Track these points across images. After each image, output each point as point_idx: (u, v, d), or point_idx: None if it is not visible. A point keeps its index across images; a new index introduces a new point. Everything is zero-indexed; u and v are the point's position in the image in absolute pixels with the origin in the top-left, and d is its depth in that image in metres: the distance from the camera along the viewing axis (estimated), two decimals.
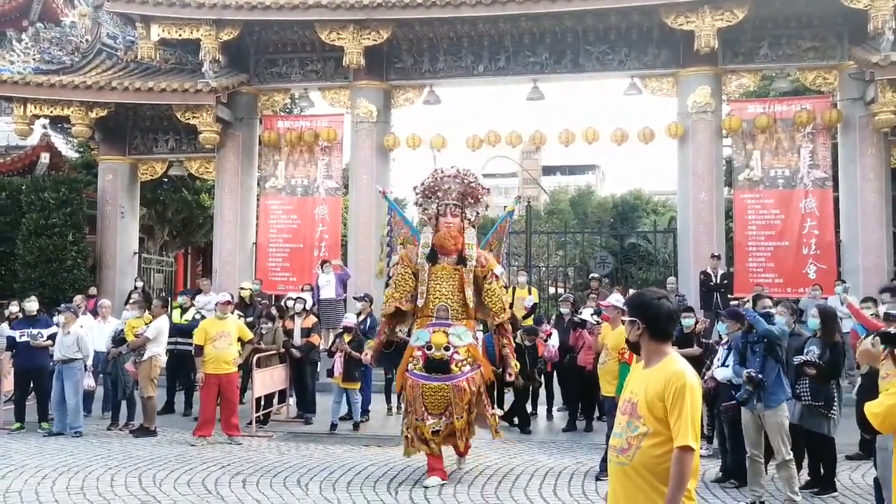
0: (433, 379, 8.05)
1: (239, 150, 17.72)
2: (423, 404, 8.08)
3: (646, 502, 3.61)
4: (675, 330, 3.93)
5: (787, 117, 15.84)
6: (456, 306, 8.42)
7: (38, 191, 17.56)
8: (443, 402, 8.05)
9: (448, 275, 8.49)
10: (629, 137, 16.63)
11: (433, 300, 8.46)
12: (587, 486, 8.29)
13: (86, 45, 18.20)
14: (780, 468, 7.40)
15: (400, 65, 17.24)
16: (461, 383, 8.07)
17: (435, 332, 8.17)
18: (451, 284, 8.46)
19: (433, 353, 8.06)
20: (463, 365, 8.13)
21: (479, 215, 8.76)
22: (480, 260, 8.59)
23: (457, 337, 8.13)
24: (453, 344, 8.08)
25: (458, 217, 8.58)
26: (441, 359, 8.04)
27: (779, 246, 15.91)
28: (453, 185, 8.65)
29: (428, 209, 8.68)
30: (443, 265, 8.53)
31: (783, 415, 7.41)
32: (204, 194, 23.02)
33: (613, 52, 16.62)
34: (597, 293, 14.38)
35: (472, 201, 8.70)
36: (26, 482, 8.20)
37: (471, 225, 8.70)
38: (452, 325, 8.25)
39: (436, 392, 8.05)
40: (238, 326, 11.26)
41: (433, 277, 8.50)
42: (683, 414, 3.52)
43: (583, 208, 49.03)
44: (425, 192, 8.73)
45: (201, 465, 9.14)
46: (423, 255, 8.57)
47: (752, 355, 7.65)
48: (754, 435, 7.56)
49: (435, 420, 8.07)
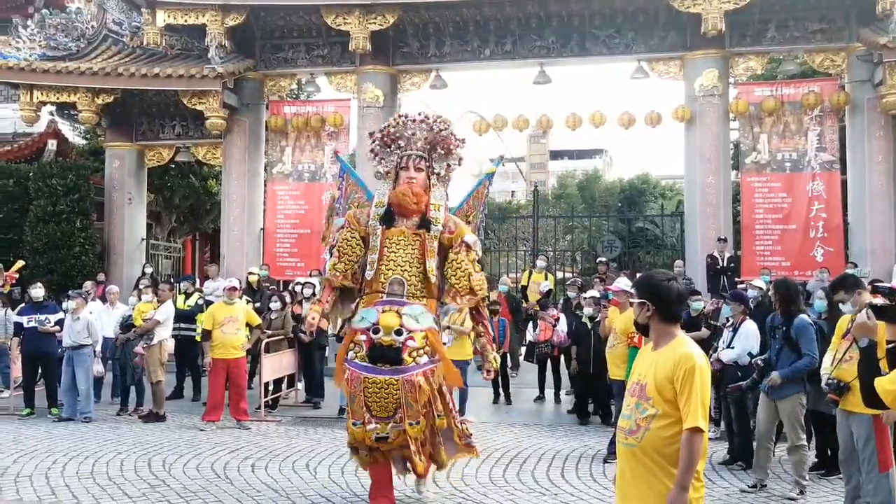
0: (379, 371, 6.27)
1: (246, 136, 17.70)
2: (364, 404, 6.32)
3: (654, 484, 3.63)
4: (684, 312, 3.95)
5: (795, 100, 15.76)
6: (414, 280, 6.60)
7: (45, 177, 17.59)
8: (391, 401, 6.27)
9: (406, 241, 6.70)
10: (636, 121, 16.56)
11: (385, 272, 6.62)
12: (595, 469, 8.33)
13: (91, 32, 18.17)
14: (792, 452, 7.41)
15: (406, 49, 17.19)
16: (414, 377, 6.28)
17: (385, 311, 6.38)
18: (410, 253, 6.66)
19: (380, 337, 6.28)
20: (419, 355, 6.35)
21: (450, 169, 7.07)
22: (448, 225, 6.81)
23: (412, 319, 6.39)
24: (407, 327, 6.33)
25: (423, 172, 6.88)
26: (390, 345, 6.27)
27: (786, 229, 15.86)
28: (419, 131, 6.94)
29: (386, 161, 7.02)
30: (400, 229, 6.74)
31: (797, 402, 7.40)
32: (211, 180, 23.04)
33: (620, 36, 16.53)
34: (604, 277, 14.40)
35: (443, 152, 7.00)
36: (37, 467, 8.28)
37: (440, 182, 7.04)
38: (408, 303, 6.47)
39: (382, 388, 6.27)
40: (246, 311, 11.31)
41: (387, 244, 6.70)
42: (693, 395, 3.53)
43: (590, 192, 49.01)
44: (384, 139, 7.03)
45: (210, 449, 9.21)
46: (376, 216, 6.80)
47: (773, 341, 7.64)
48: (766, 420, 7.55)
49: (379, 424, 6.33)
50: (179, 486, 7.61)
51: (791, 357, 7.37)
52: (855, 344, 6.36)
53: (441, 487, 7.50)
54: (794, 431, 7.35)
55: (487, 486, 7.62)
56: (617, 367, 8.86)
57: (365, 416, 6.34)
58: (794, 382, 7.37)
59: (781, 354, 7.43)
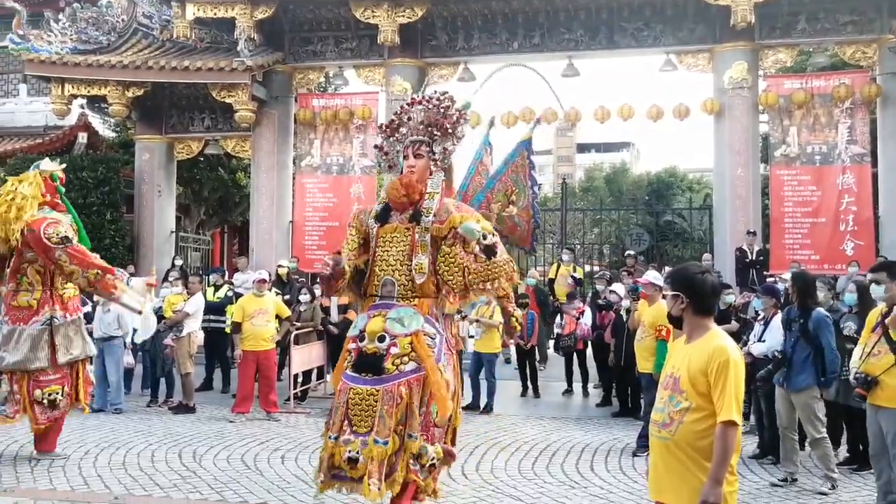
0: (362, 381, 5.66)
1: (274, 129, 17.80)
2: (344, 415, 5.64)
3: (688, 477, 3.63)
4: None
5: (825, 92, 15.61)
6: (403, 280, 5.90)
7: (76, 170, 17.77)
8: (370, 414, 5.58)
9: (399, 237, 6.01)
10: (665, 114, 16.48)
11: (378, 273, 5.99)
12: (624, 462, 8.32)
13: (122, 25, 18.34)
14: (813, 446, 7.39)
15: (434, 42, 17.19)
16: (395, 388, 5.58)
17: (373, 317, 5.84)
18: (401, 251, 5.96)
19: (365, 345, 5.74)
20: (402, 362, 5.66)
21: (448, 153, 6.30)
22: (440, 214, 5.96)
23: (397, 323, 5.76)
24: (391, 332, 5.71)
25: (423, 158, 6.15)
26: (374, 353, 5.69)
27: (815, 222, 15.72)
28: (417, 113, 6.22)
29: (390, 153, 6.41)
30: (394, 224, 6.05)
31: (811, 395, 7.36)
32: (240, 173, 23.18)
33: (648, 29, 16.45)
34: (632, 270, 14.35)
35: (440, 133, 6.21)
36: (69, 457, 8.36)
37: (437, 166, 6.24)
38: (396, 305, 5.85)
39: (363, 399, 5.61)
40: (275, 304, 11.38)
41: (380, 243, 6.05)
42: (727, 389, 3.53)
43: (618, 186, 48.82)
44: (386, 130, 6.44)
45: (240, 440, 9.28)
46: (375, 213, 6.16)
47: (789, 333, 7.62)
48: (786, 412, 7.54)
49: (356, 439, 5.53)
50: (210, 477, 7.68)
51: (806, 350, 7.35)
52: (884, 338, 6.34)
53: (470, 480, 7.53)
54: (812, 424, 7.32)
55: (517, 479, 7.63)
56: (645, 360, 8.84)
57: (345, 430, 5.59)
58: (808, 375, 7.33)
59: (797, 347, 7.40)
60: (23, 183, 8.10)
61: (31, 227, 7.82)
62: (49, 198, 8.20)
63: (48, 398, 7.99)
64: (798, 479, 7.47)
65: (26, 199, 7.97)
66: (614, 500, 6.98)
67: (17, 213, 7.88)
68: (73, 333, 8.20)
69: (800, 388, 7.35)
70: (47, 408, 8.01)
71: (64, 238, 7.81)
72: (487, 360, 11.70)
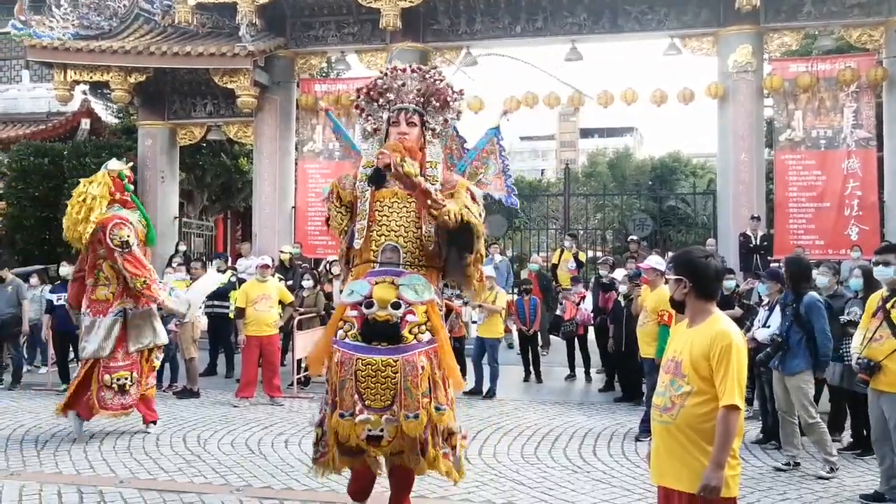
0: (375, 351, 5.24)
1: (276, 114, 17.76)
2: (355, 390, 5.24)
3: (689, 461, 3.64)
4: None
5: (831, 76, 15.51)
6: (410, 247, 5.58)
7: (79, 156, 17.81)
8: (388, 387, 5.19)
9: (401, 203, 5.69)
10: (668, 98, 16.39)
11: (377, 238, 5.63)
12: (627, 447, 8.33)
13: (124, 11, 18.26)
14: (808, 431, 7.39)
15: (437, 26, 17.11)
16: (416, 357, 5.24)
17: (378, 283, 5.42)
18: (405, 217, 5.65)
19: (374, 312, 5.30)
20: (420, 332, 5.34)
21: (447, 124, 6.08)
22: (450, 181, 5.83)
23: (411, 290, 5.40)
24: (406, 299, 5.35)
25: (416, 127, 5.88)
26: (387, 320, 5.28)
27: (820, 207, 15.67)
28: (410, 82, 6.00)
29: (374, 117, 6.09)
30: (392, 189, 5.70)
31: (803, 379, 7.37)
32: (242, 159, 23.15)
33: (652, 12, 16.34)
34: (636, 255, 14.35)
35: (438, 105, 6.01)
36: (74, 442, 8.43)
37: (435, 137, 6.00)
38: (405, 272, 5.50)
39: (378, 371, 5.21)
40: (279, 289, 11.40)
41: (378, 207, 5.71)
42: (729, 373, 3.53)
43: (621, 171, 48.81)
44: (370, 93, 6.07)
45: (244, 425, 9.32)
46: (364, 177, 5.81)
47: (783, 317, 7.63)
48: (783, 395, 7.56)
49: (373, 416, 5.19)
50: (214, 461, 7.72)
51: (799, 334, 7.37)
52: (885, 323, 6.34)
53: (473, 464, 7.54)
54: (804, 409, 7.33)
55: (519, 464, 7.65)
56: (647, 345, 8.85)
57: (356, 406, 5.20)
58: (800, 359, 7.34)
59: (790, 331, 7.41)
60: (92, 184, 8.72)
61: (101, 224, 8.47)
62: (118, 195, 8.86)
63: (117, 383, 8.53)
64: (801, 464, 7.47)
65: (95, 200, 8.57)
66: (616, 484, 7.00)
67: (86, 214, 8.49)
68: (144, 323, 8.79)
69: (793, 372, 7.37)
70: (117, 393, 8.54)
71: (123, 243, 8.46)
72: (490, 345, 11.71)
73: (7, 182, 19.35)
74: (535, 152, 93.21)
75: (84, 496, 6.53)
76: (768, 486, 6.93)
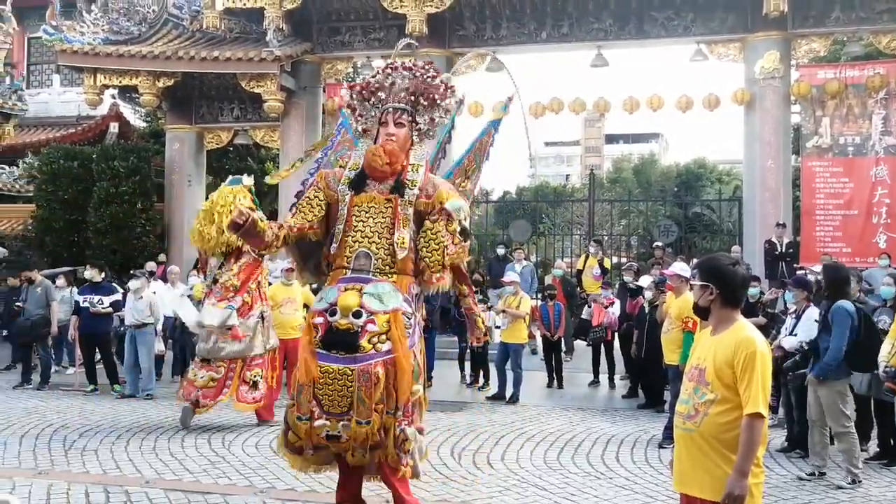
0: (332, 359, 5.31)
1: (303, 119, 17.87)
2: (312, 396, 5.33)
3: (712, 469, 3.62)
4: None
5: (859, 82, 15.40)
6: (382, 254, 5.56)
7: (108, 160, 17.99)
8: (344, 395, 5.27)
9: (377, 208, 5.65)
10: (694, 104, 16.36)
11: (352, 244, 5.59)
12: (650, 454, 8.29)
13: (153, 16, 18.51)
14: (838, 439, 7.33)
15: (462, 32, 17.16)
16: (371, 368, 5.26)
17: (346, 290, 5.43)
18: (380, 222, 5.62)
19: (337, 320, 5.34)
20: (380, 341, 5.34)
21: (434, 123, 5.96)
22: (426, 188, 5.69)
23: (376, 299, 5.41)
24: (369, 308, 5.36)
25: (404, 127, 5.79)
26: (347, 329, 5.32)
27: (847, 215, 15.55)
28: (401, 80, 5.86)
29: (364, 116, 5.99)
30: (371, 194, 5.67)
31: (837, 388, 7.29)
32: (269, 163, 23.27)
33: (679, 18, 16.29)
34: (661, 262, 14.30)
35: (426, 104, 5.88)
36: (101, 441, 8.52)
37: (423, 138, 5.94)
38: (373, 280, 5.49)
39: (335, 380, 5.28)
40: (303, 293, 11.44)
41: (355, 212, 5.64)
42: (754, 381, 3.51)
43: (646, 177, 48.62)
44: (362, 92, 5.95)
45: (268, 427, 9.35)
46: (347, 180, 5.73)
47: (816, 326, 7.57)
48: (815, 405, 7.47)
49: (329, 421, 5.31)
50: (238, 462, 7.77)
51: (828, 342, 7.29)
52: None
53: (496, 469, 7.55)
54: (836, 418, 7.25)
55: (542, 469, 7.64)
56: (672, 352, 8.81)
57: (314, 411, 5.32)
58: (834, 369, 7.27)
59: (820, 339, 7.35)
60: (237, 197, 9.20)
61: None
62: None
63: (253, 380, 9.27)
64: (826, 474, 7.40)
65: None
66: (639, 491, 6.97)
67: None
68: (270, 325, 9.67)
69: (826, 382, 7.29)
70: (251, 388, 9.26)
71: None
72: (514, 350, 11.71)
73: (37, 185, 19.60)
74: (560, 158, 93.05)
75: (110, 496, 6.60)
76: (792, 496, 6.88)
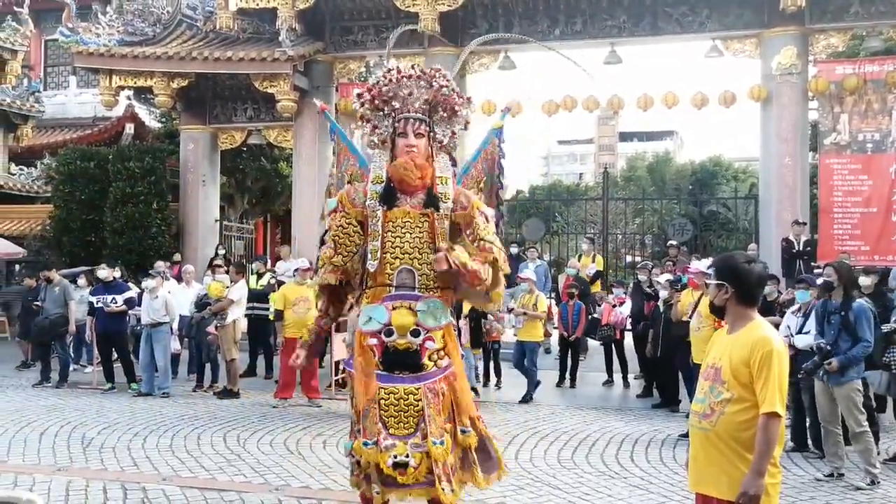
0: (397, 380, 5.24)
1: (316, 119, 17.82)
2: (379, 418, 5.20)
3: (728, 468, 3.58)
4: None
5: (879, 78, 15.21)
6: (425, 269, 5.37)
7: (123, 160, 18.09)
8: (411, 414, 5.20)
9: (413, 223, 5.45)
10: (709, 101, 16.22)
11: (392, 261, 5.42)
12: (665, 453, 8.26)
13: (167, 17, 18.56)
14: (854, 440, 7.25)
15: (475, 30, 17.10)
16: (437, 385, 5.26)
17: (396, 308, 5.32)
18: (418, 237, 5.43)
19: (395, 340, 5.26)
20: (440, 357, 5.33)
21: (455, 136, 5.79)
22: (460, 200, 5.52)
23: (430, 316, 5.32)
24: (424, 325, 5.28)
25: (423, 137, 5.57)
26: (408, 349, 5.26)
27: (866, 212, 15.39)
28: (416, 90, 5.63)
29: (380, 127, 5.72)
30: (404, 209, 5.48)
31: (853, 388, 7.23)
32: (282, 163, 23.34)
33: (694, 14, 16.18)
34: (675, 260, 14.22)
35: (445, 115, 5.71)
36: (119, 439, 8.59)
37: (442, 150, 5.73)
38: (422, 297, 5.36)
39: (401, 399, 5.20)
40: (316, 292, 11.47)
41: (390, 227, 5.46)
42: (770, 380, 3.47)
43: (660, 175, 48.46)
44: (375, 100, 5.69)
45: (283, 425, 9.40)
46: (375, 195, 5.52)
47: (828, 326, 7.47)
48: (827, 406, 7.42)
49: (398, 443, 5.14)
50: (254, 460, 7.79)
51: (848, 342, 7.22)
52: None
53: (510, 468, 7.52)
54: (853, 418, 7.18)
55: (556, 468, 7.62)
56: (702, 350, 8.70)
57: (380, 434, 5.16)
58: (849, 368, 7.20)
59: (839, 339, 7.26)
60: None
61: None
62: None
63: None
64: (844, 475, 7.32)
65: None
66: (654, 490, 6.94)
67: None
68: None
69: (842, 382, 7.22)
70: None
71: None
72: (530, 348, 11.69)
73: (55, 185, 19.74)
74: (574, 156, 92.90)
75: (128, 492, 6.64)
76: (810, 497, 6.83)
